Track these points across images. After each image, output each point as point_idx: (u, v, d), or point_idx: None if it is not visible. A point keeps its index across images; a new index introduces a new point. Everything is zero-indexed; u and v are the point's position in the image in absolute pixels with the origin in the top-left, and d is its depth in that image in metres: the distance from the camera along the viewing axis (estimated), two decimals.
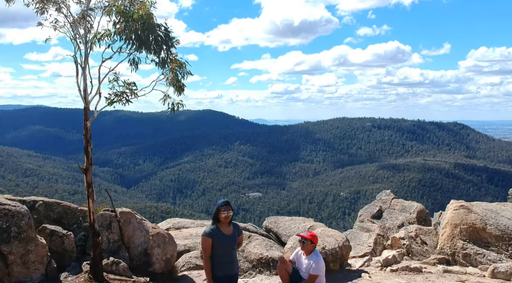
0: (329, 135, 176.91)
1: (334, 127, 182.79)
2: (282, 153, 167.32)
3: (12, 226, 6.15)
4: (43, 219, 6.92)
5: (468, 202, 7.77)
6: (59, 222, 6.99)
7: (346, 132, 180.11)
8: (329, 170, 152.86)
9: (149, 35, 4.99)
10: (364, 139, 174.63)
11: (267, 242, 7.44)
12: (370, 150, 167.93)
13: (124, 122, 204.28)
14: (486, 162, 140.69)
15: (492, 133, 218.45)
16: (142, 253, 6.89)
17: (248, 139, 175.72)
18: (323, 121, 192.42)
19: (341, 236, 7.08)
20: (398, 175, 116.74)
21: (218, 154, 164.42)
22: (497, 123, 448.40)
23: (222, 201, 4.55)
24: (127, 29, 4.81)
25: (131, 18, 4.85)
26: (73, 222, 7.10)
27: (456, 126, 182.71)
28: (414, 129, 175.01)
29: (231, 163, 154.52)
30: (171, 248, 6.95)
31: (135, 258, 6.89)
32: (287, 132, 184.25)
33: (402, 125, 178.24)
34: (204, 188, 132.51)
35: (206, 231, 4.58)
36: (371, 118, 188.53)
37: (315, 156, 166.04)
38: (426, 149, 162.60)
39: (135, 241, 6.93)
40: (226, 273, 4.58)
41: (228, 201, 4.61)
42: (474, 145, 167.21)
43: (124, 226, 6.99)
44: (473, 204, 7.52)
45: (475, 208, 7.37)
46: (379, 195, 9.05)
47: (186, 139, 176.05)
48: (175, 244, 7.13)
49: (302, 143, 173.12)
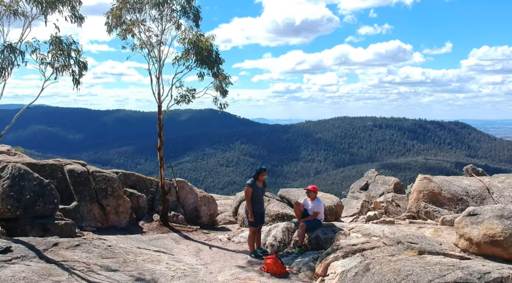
0: (330, 135, 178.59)
1: (335, 126, 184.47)
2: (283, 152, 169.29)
3: (108, 187, 8.91)
4: (123, 185, 9.66)
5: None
6: (133, 187, 9.73)
7: (348, 131, 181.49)
8: (330, 169, 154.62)
9: (210, 58, 7.72)
10: (365, 138, 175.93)
11: (281, 204, 10.17)
12: (372, 149, 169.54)
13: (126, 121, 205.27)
14: (488, 161, 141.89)
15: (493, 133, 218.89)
16: (193, 209, 9.60)
17: (249, 138, 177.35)
18: (324, 121, 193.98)
19: (336, 198, 9.80)
20: (399, 174, 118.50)
21: (220, 153, 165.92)
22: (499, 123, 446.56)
23: (263, 168, 7.28)
24: (198, 54, 7.55)
25: (199, 47, 7.58)
26: (143, 187, 9.85)
27: (458, 125, 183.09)
28: (415, 129, 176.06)
29: (232, 162, 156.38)
30: (214, 206, 9.67)
31: (188, 213, 9.60)
32: (288, 131, 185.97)
33: (403, 124, 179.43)
34: (205, 187, 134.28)
35: (249, 183, 7.29)
36: (372, 118, 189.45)
37: (316, 155, 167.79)
38: (428, 148, 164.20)
39: (188, 201, 9.65)
40: (259, 210, 7.33)
41: (266, 168, 7.35)
42: (475, 144, 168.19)
43: (180, 191, 9.72)
44: (433, 177, 10.20)
45: (434, 179, 10.06)
46: (366, 172, 11.74)
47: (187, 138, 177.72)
48: (216, 203, 9.89)
49: (303, 142, 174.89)
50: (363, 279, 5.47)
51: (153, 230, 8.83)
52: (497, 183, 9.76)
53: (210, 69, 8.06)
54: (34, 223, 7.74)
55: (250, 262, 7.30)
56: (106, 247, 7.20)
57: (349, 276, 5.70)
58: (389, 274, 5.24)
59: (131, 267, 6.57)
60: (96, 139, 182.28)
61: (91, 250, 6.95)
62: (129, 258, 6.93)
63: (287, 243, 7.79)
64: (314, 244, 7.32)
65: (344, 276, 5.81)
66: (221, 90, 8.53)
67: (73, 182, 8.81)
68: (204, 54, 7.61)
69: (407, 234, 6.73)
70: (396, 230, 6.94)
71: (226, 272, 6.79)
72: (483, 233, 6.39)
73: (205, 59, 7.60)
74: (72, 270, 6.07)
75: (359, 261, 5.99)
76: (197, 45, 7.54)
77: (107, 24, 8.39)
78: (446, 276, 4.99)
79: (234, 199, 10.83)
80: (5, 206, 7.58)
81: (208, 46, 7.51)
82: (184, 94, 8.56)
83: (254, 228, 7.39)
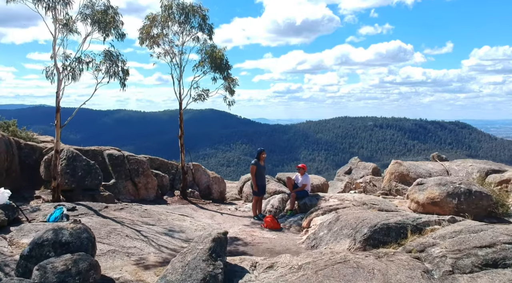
0: (331, 135, 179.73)
1: (336, 126, 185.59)
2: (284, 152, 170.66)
3: (140, 168, 11.12)
4: (150, 167, 11.89)
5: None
6: (158, 169, 11.96)
7: (348, 131, 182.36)
8: (331, 169, 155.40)
9: (221, 65, 9.94)
10: (366, 138, 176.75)
11: (278, 184, 12.38)
12: (372, 149, 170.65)
13: (126, 121, 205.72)
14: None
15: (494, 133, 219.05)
16: (206, 187, 11.81)
17: (250, 138, 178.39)
18: (325, 121, 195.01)
19: (323, 179, 12.01)
20: None
21: (220, 153, 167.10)
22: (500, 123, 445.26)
23: (262, 149, 9.46)
24: (213, 62, 9.77)
25: (214, 57, 9.80)
26: (165, 169, 12.07)
27: (458, 125, 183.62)
28: (416, 129, 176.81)
29: (233, 162, 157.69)
30: (223, 185, 11.90)
31: (202, 190, 11.82)
32: (289, 131, 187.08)
33: (404, 124, 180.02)
34: None
35: (253, 162, 9.48)
36: (373, 118, 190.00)
37: (317, 155, 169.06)
38: (428, 148, 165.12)
39: (202, 180, 11.87)
40: (261, 183, 9.54)
41: (264, 149, 9.53)
42: (476, 144, 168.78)
43: (195, 172, 11.93)
44: (403, 161, 12.38)
45: (404, 163, 12.23)
46: (350, 160, 13.93)
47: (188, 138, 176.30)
48: (225, 183, 12.11)
49: (304, 142, 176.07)
50: (335, 225, 7.66)
51: (175, 202, 11.04)
52: (454, 166, 11.94)
53: (221, 74, 10.29)
54: (85, 193, 9.96)
55: (253, 222, 9.50)
56: (143, 210, 9.43)
57: (325, 224, 7.89)
58: (351, 220, 7.43)
59: (164, 223, 8.79)
60: (97, 139, 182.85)
61: (132, 212, 9.17)
62: (161, 218, 9.15)
63: (282, 209, 9.98)
64: (302, 209, 9.52)
65: (321, 225, 8.00)
66: (230, 90, 10.75)
67: (111, 164, 11.04)
68: (217, 62, 9.82)
69: (371, 198, 8.93)
70: (363, 196, 9.14)
71: (235, 228, 8.99)
72: (426, 197, 8.57)
73: (218, 66, 9.82)
74: (122, 223, 8.31)
75: (333, 216, 8.17)
76: (212, 56, 9.76)
77: (139, 38, 10.62)
78: (390, 219, 7.16)
79: (239, 181, 13.04)
80: (63, 180, 9.80)
81: (220, 56, 9.73)
82: (200, 94, 10.79)
83: (257, 197, 9.59)
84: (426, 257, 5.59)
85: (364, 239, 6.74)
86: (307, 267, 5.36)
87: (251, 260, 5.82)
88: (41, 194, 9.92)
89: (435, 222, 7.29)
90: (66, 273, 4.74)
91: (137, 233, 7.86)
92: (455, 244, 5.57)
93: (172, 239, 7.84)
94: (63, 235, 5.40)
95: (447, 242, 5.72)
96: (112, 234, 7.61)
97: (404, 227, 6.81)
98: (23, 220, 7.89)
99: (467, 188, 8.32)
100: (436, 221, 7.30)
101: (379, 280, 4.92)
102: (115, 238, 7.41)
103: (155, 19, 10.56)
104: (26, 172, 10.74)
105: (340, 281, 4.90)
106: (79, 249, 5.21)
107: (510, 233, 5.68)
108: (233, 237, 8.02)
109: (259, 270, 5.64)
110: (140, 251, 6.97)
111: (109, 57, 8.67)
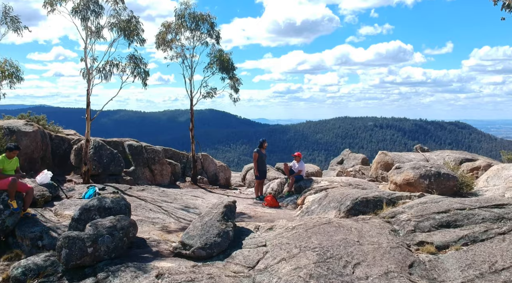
0: (331, 135, 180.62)
1: (336, 126, 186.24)
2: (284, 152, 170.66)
3: (156, 156, 12.67)
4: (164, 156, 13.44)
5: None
6: (171, 158, 13.51)
7: (348, 131, 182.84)
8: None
9: (228, 67, 11.50)
10: (366, 138, 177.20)
11: (277, 172, 13.92)
12: (372, 149, 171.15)
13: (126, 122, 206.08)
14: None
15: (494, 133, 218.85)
16: (213, 175, 13.35)
17: (250, 138, 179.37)
18: (325, 121, 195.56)
19: (317, 167, 13.54)
20: None
21: (220, 153, 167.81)
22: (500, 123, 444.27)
23: (264, 139, 10.98)
24: (221, 64, 11.33)
25: (221, 60, 11.36)
26: (177, 159, 13.63)
27: (458, 125, 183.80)
28: (416, 129, 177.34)
29: (233, 162, 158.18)
30: (228, 172, 13.45)
31: (210, 177, 13.36)
32: (289, 131, 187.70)
33: (404, 124, 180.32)
34: None
35: (255, 150, 11.01)
36: (373, 118, 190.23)
37: (317, 155, 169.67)
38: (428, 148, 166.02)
39: (210, 168, 13.42)
40: (263, 168, 11.07)
41: (266, 139, 11.05)
42: (476, 144, 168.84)
43: (204, 161, 13.48)
44: (388, 152, 13.93)
45: (389, 153, 13.77)
46: (342, 151, 15.47)
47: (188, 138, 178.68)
48: (230, 171, 13.66)
49: (304, 142, 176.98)
50: (324, 200, 9.19)
51: (187, 187, 12.59)
52: (433, 156, 13.48)
53: (227, 74, 11.85)
54: (109, 178, 11.50)
55: (256, 202, 11.04)
56: (161, 191, 10.97)
57: (316, 200, 9.42)
58: (338, 195, 8.96)
59: (180, 201, 10.33)
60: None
61: (152, 192, 10.72)
62: (177, 197, 10.70)
63: (280, 191, 11.52)
64: (298, 190, 11.05)
65: (313, 201, 9.54)
66: (235, 89, 12.29)
67: (131, 153, 12.59)
68: (224, 65, 11.38)
69: (356, 180, 10.46)
70: (350, 178, 10.67)
71: (240, 206, 10.51)
72: (402, 178, 10.09)
73: (225, 68, 11.38)
74: (145, 200, 9.85)
75: (323, 193, 9.71)
76: (220, 59, 11.33)
77: (156, 43, 12.19)
78: (369, 194, 8.68)
79: (242, 170, 14.61)
80: (92, 166, 11.35)
81: (228, 59, 11.30)
82: (209, 92, 12.35)
83: (259, 180, 11.12)
84: (395, 221, 7.13)
85: (347, 210, 8.28)
86: (299, 227, 6.91)
87: (254, 224, 7.36)
88: (72, 178, 11.48)
89: (406, 197, 8.83)
90: (113, 228, 6.24)
91: (158, 208, 9.41)
92: (419, 211, 7.09)
93: (188, 213, 9.38)
94: (106, 202, 6.92)
95: (413, 210, 7.24)
96: (138, 208, 9.16)
97: (381, 200, 8.33)
98: (63, 197, 9.43)
99: (437, 170, 9.82)
100: (407, 196, 8.83)
101: (355, 235, 6.46)
102: (141, 211, 8.96)
103: (170, 26, 12.12)
104: (57, 160, 12.29)
105: (324, 236, 6.43)
106: (118, 213, 6.70)
107: (463, 202, 7.25)
108: (239, 212, 9.54)
109: (261, 231, 7.19)
110: (162, 221, 8.50)
111: (133, 60, 10.22)
